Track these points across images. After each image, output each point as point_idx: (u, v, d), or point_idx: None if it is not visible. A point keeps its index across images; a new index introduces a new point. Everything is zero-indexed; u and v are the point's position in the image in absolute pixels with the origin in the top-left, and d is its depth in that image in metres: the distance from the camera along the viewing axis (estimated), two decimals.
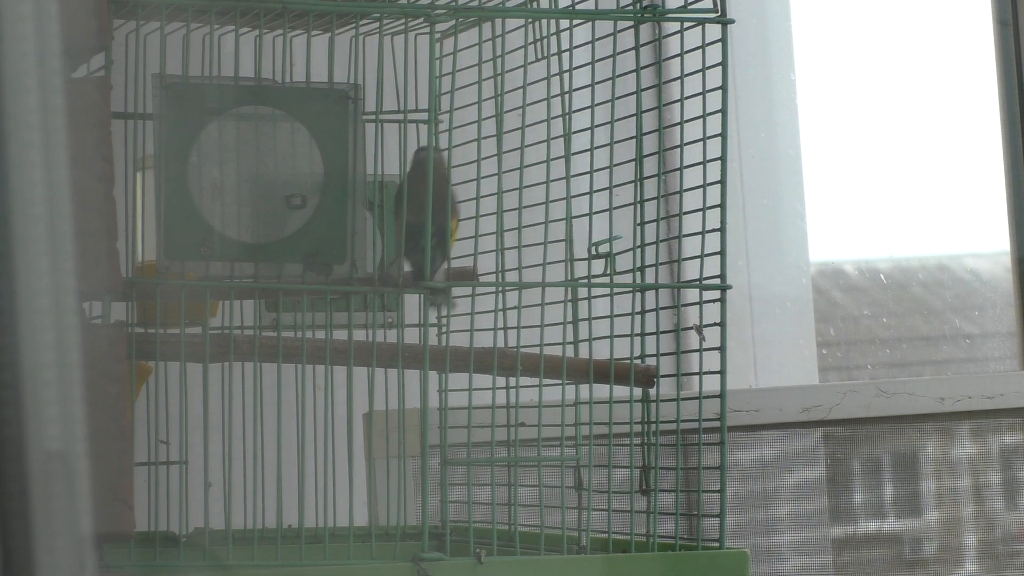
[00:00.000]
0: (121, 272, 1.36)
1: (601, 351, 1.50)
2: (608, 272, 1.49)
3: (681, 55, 1.48)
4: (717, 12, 1.47)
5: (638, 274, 1.49)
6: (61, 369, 1.05)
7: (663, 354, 1.49)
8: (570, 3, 1.53)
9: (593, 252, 1.50)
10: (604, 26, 1.51)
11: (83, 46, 1.32)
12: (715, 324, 1.47)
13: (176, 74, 1.45)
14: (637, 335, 1.49)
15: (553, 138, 1.51)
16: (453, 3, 1.49)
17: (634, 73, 1.49)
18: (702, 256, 1.47)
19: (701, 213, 1.47)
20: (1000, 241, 2.12)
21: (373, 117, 1.51)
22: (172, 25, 1.45)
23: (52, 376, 1.04)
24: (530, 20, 1.54)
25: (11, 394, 1.02)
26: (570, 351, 1.52)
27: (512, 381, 1.49)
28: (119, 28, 1.46)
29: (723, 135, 1.46)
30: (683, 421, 1.47)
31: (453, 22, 1.57)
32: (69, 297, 1.07)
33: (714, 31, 1.47)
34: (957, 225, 2.22)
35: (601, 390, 1.49)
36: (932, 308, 2.25)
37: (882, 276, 2.24)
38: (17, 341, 1.02)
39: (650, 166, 1.49)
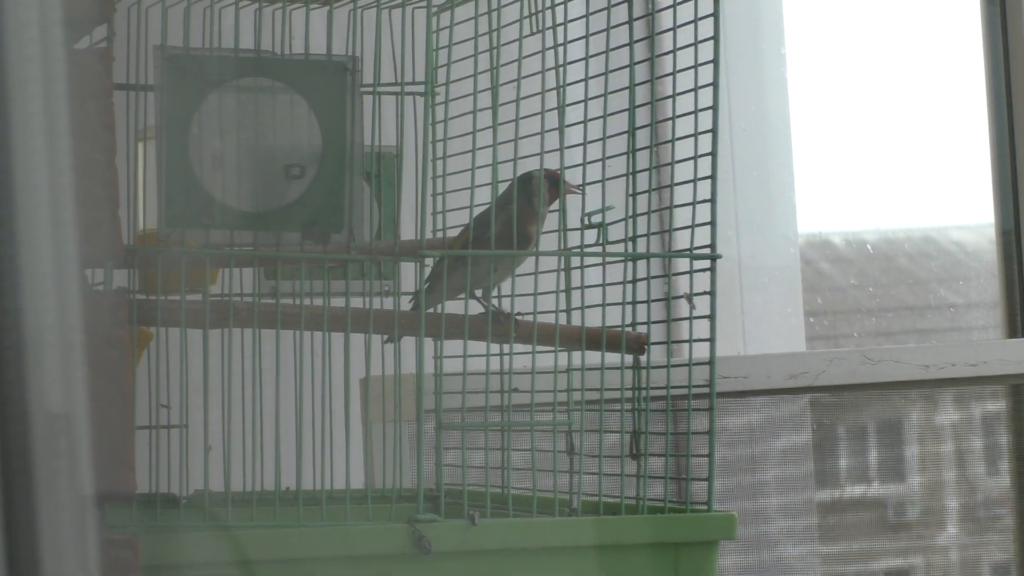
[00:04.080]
0: (123, 240, 1.35)
1: (593, 319, 1.50)
2: (600, 242, 1.49)
3: (674, 29, 1.48)
4: None
5: (630, 244, 1.49)
6: (63, 333, 1.05)
7: (654, 322, 1.49)
8: None
9: (586, 222, 1.50)
10: (598, 0, 1.51)
11: (85, 17, 1.32)
12: (705, 293, 1.47)
13: (177, 46, 1.45)
14: (629, 303, 1.49)
15: (548, 110, 1.51)
16: None
17: (627, 47, 1.49)
18: (693, 226, 1.47)
19: (692, 184, 1.47)
20: (985, 213, 2.12)
21: (371, 89, 1.51)
22: None
23: (54, 339, 1.04)
24: None
25: (14, 356, 1.02)
26: (563, 319, 1.52)
27: (506, 348, 1.49)
28: (120, 0, 1.46)
29: (714, 108, 1.45)
30: (673, 387, 1.47)
31: None
32: (71, 264, 1.07)
33: (706, 5, 1.47)
34: (943, 198, 2.23)
35: (593, 357, 1.49)
36: (917, 279, 2.25)
37: (869, 247, 2.24)
38: (19, 305, 1.03)
39: (642, 138, 1.49)
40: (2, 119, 1.04)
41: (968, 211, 2.21)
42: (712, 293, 1.47)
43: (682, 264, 1.50)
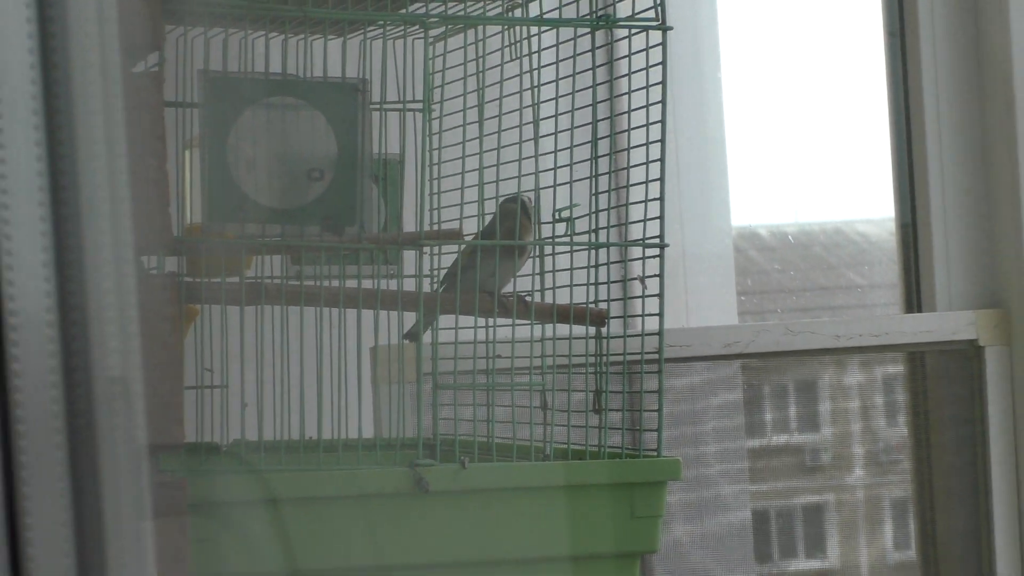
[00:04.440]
0: (172, 232, 1.35)
1: (562, 297, 1.50)
2: (569, 233, 1.49)
3: (629, 56, 1.48)
4: (658, 21, 1.46)
5: (593, 235, 1.48)
6: (121, 310, 1.03)
7: (613, 300, 1.49)
8: (539, 12, 1.52)
9: (556, 217, 1.50)
10: (566, 32, 1.51)
11: (140, 46, 1.30)
12: (655, 276, 1.46)
13: (217, 70, 1.43)
14: (592, 284, 1.48)
15: (524, 124, 1.50)
16: (443, 13, 1.48)
17: (591, 71, 1.48)
18: (645, 220, 1.46)
19: (644, 185, 1.46)
20: (886, 210, 2.12)
21: (378, 106, 1.50)
22: (214, 30, 1.44)
23: (113, 315, 1.02)
24: (506, 27, 1.53)
25: (80, 330, 1.00)
26: (538, 297, 1.51)
27: (491, 322, 1.48)
28: (170, 32, 1.46)
29: (662, 121, 1.45)
30: (628, 354, 1.47)
31: (443, 28, 1.57)
32: (127, 251, 1.05)
33: (656, 36, 1.46)
34: (851, 196, 2.23)
35: (562, 329, 1.49)
36: (830, 264, 2.24)
37: (790, 238, 2.24)
38: (84, 287, 1.01)
39: (603, 147, 1.48)
40: (69, 131, 1.03)
41: (871, 208, 2.21)
42: (660, 276, 1.46)
43: (636, 252, 1.49)
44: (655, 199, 1.46)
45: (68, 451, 0.98)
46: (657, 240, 1.46)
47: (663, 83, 1.45)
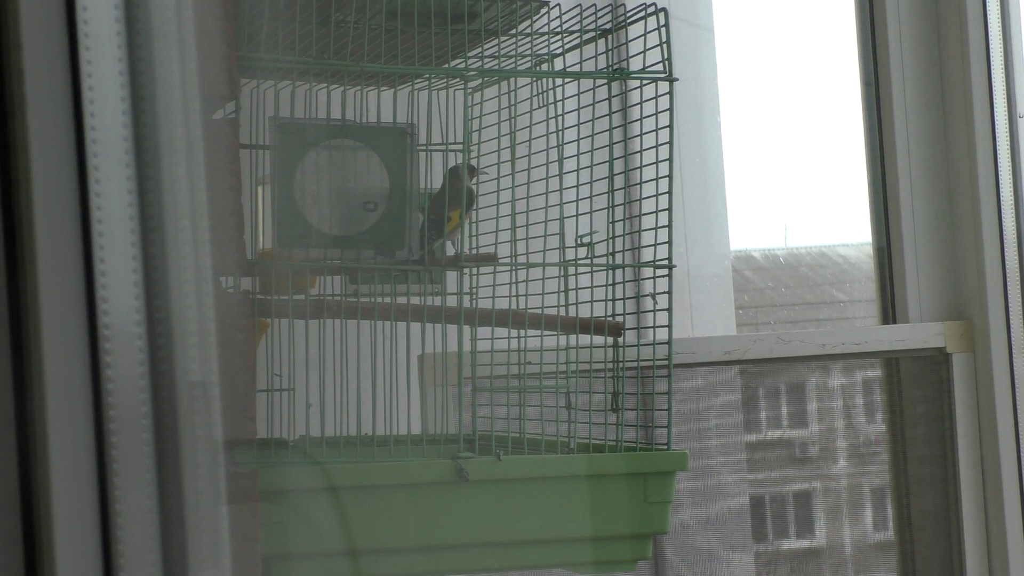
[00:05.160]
0: (247, 256, 1.34)
1: (584, 312, 1.48)
2: (589, 256, 1.47)
3: (640, 103, 1.46)
4: (666, 73, 1.45)
5: (610, 257, 1.47)
6: (201, 323, 1.02)
7: (628, 313, 1.47)
8: (563, 67, 1.51)
9: (579, 242, 1.48)
10: (587, 83, 1.49)
11: (219, 96, 1.29)
12: (664, 292, 1.45)
13: (285, 116, 1.42)
14: (609, 300, 1.47)
15: (551, 162, 1.49)
16: (480, 67, 1.47)
17: (607, 116, 1.46)
18: (655, 244, 1.45)
19: (654, 214, 1.45)
20: (863, 235, 2.09)
21: (424, 147, 1.49)
22: (283, 83, 1.42)
23: (194, 328, 1.01)
24: (534, 79, 1.52)
25: (165, 341, 0.99)
26: (563, 312, 1.49)
27: (522, 333, 1.47)
28: (245, 84, 1.44)
29: (670, 159, 1.43)
30: (642, 361, 1.45)
31: (480, 80, 1.56)
32: (206, 272, 1.04)
33: (664, 87, 1.45)
34: (833, 223, 2.21)
35: (584, 339, 1.47)
36: (815, 282, 2.22)
37: (780, 260, 2.22)
38: (169, 304, 1.00)
39: (618, 181, 1.47)
40: (155, 168, 1.01)
41: (851, 233, 2.19)
42: (669, 293, 1.44)
43: (647, 272, 1.47)
44: (664, 226, 1.44)
45: (154, 446, 0.96)
46: (666, 262, 1.45)
47: (670, 126, 1.43)
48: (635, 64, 1.48)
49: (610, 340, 1.47)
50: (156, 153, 1.01)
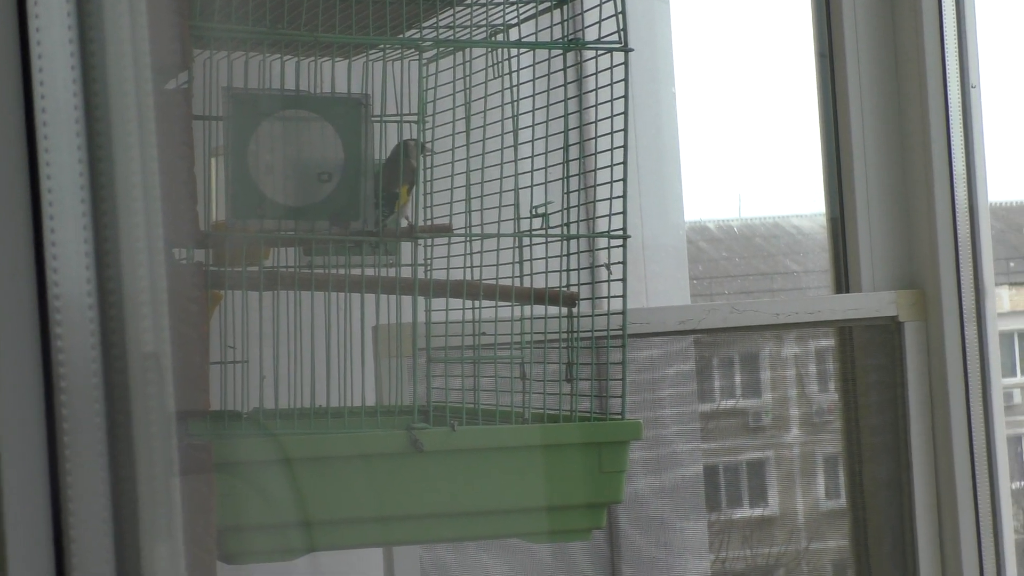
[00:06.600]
0: (200, 227, 1.33)
1: (539, 282, 1.48)
2: (544, 226, 1.47)
3: (596, 74, 1.46)
4: (621, 43, 1.45)
5: (565, 228, 1.47)
6: (153, 294, 1.01)
7: (582, 284, 1.47)
8: (518, 37, 1.50)
9: (534, 212, 1.48)
10: (542, 53, 1.49)
11: (171, 67, 1.28)
12: (619, 263, 1.45)
13: (239, 87, 1.41)
14: (564, 271, 1.47)
15: (506, 132, 1.49)
16: (436, 38, 1.47)
17: (563, 87, 1.46)
18: (610, 215, 1.45)
19: (609, 185, 1.45)
20: (817, 205, 2.11)
21: (379, 118, 1.48)
22: (236, 53, 1.41)
23: (146, 299, 1.00)
24: (490, 49, 1.51)
25: (116, 312, 0.99)
26: (517, 282, 1.49)
27: (476, 304, 1.47)
28: (198, 55, 1.43)
29: (625, 130, 1.43)
30: (596, 331, 1.45)
31: (435, 51, 1.55)
32: (158, 243, 1.04)
33: (619, 57, 1.44)
34: (787, 195, 2.22)
35: (539, 310, 1.47)
36: (769, 253, 2.24)
37: (735, 230, 2.23)
38: (121, 275, 0.99)
39: (574, 152, 1.47)
40: (107, 139, 1.01)
41: (805, 204, 2.21)
42: (624, 263, 1.45)
43: (602, 242, 1.47)
44: (618, 197, 1.44)
45: (106, 417, 0.96)
46: (620, 232, 1.45)
47: (625, 97, 1.43)
48: (590, 35, 1.48)
49: (564, 310, 1.48)
50: (107, 123, 1.00)
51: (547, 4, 1.49)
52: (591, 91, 1.48)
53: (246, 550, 1.32)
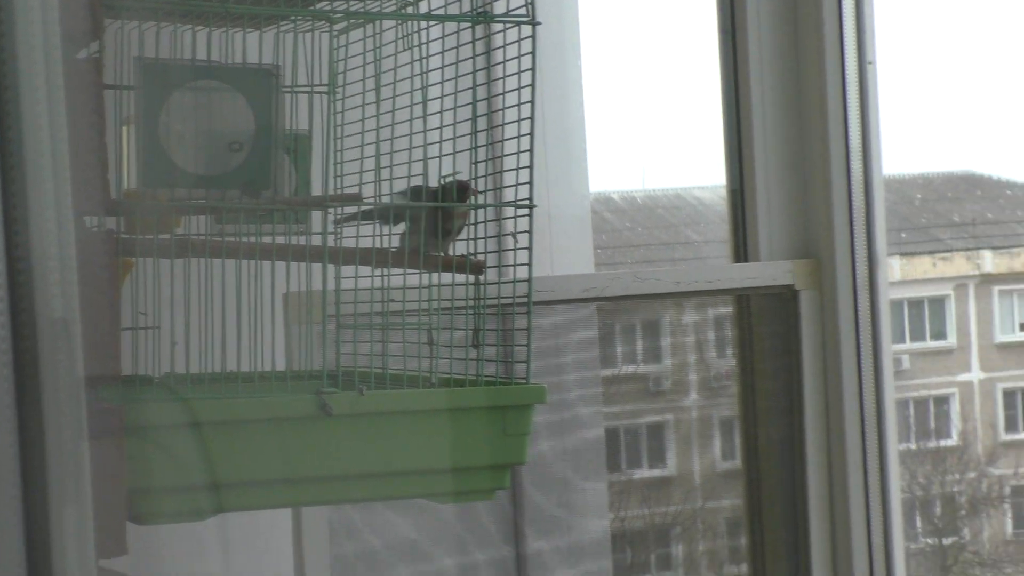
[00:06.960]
0: (111, 195, 1.33)
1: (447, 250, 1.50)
2: (453, 196, 1.48)
3: (503, 46, 1.47)
4: (528, 16, 1.46)
5: (473, 197, 1.48)
6: (62, 260, 1.02)
7: (489, 252, 1.49)
8: (427, 10, 1.51)
9: (442, 183, 1.49)
10: (451, 26, 1.50)
11: (82, 36, 1.28)
12: (525, 232, 1.46)
13: (150, 57, 1.41)
14: (471, 239, 1.48)
15: (415, 103, 1.49)
16: (346, 9, 1.47)
17: (471, 59, 1.47)
18: (516, 185, 1.46)
19: (516, 155, 1.46)
20: (718, 178, 2.14)
21: (289, 89, 1.49)
22: (147, 23, 1.41)
23: (55, 265, 1.01)
24: (399, 21, 1.52)
25: (25, 278, 0.99)
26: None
27: (385, 271, 1.48)
28: (109, 24, 1.42)
29: (532, 102, 1.45)
30: (502, 298, 1.47)
31: (346, 23, 1.55)
32: (68, 211, 1.04)
33: (526, 30, 1.45)
34: (688, 167, 2.25)
35: (446, 277, 1.48)
36: (671, 223, 2.27)
37: (638, 201, 2.26)
38: (29, 241, 1.00)
39: (481, 123, 1.48)
40: (15, 110, 1.01)
41: (706, 176, 2.24)
42: (530, 232, 1.46)
43: (509, 212, 1.49)
44: (525, 167, 1.46)
45: (14, 382, 0.97)
46: (527, 202, 1.46)
47: (532, 70, 1.45)
48: (499, 8, 1.49)
49: (472, 278, 1.49)
50: (16, 91, 1.00)
51: None
52: (499, 63, 1.49)
53: (156, 511, 1.33)
